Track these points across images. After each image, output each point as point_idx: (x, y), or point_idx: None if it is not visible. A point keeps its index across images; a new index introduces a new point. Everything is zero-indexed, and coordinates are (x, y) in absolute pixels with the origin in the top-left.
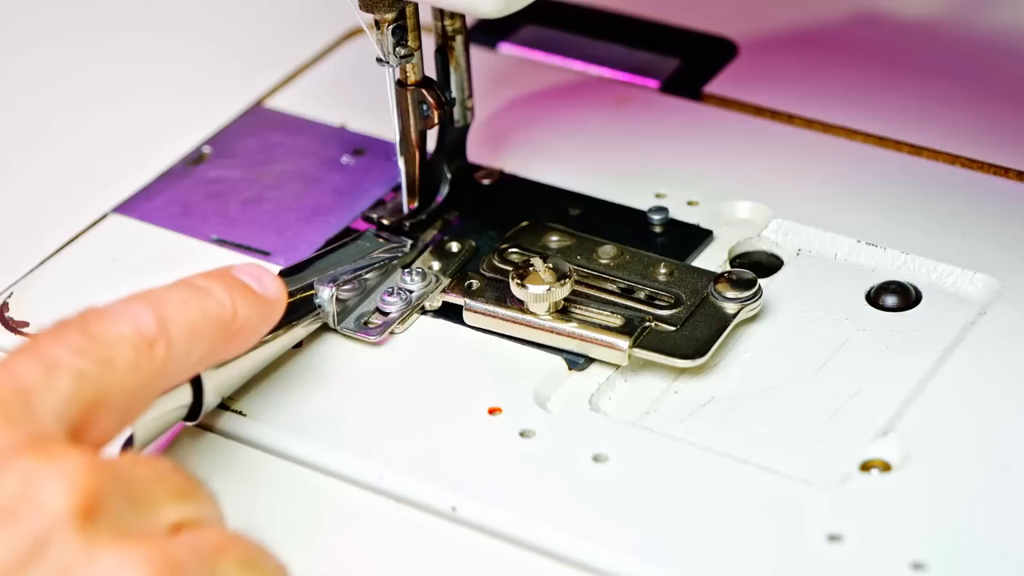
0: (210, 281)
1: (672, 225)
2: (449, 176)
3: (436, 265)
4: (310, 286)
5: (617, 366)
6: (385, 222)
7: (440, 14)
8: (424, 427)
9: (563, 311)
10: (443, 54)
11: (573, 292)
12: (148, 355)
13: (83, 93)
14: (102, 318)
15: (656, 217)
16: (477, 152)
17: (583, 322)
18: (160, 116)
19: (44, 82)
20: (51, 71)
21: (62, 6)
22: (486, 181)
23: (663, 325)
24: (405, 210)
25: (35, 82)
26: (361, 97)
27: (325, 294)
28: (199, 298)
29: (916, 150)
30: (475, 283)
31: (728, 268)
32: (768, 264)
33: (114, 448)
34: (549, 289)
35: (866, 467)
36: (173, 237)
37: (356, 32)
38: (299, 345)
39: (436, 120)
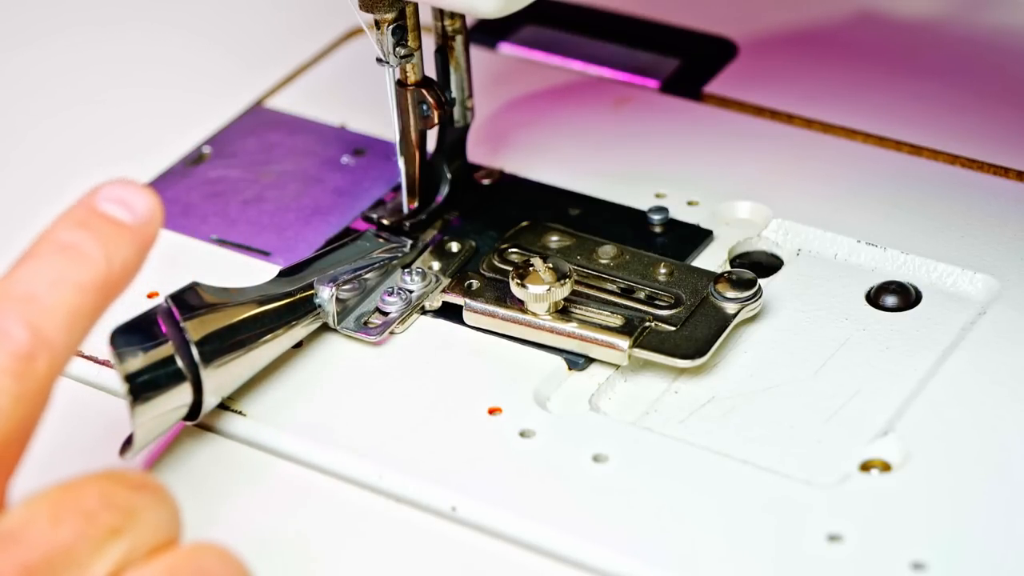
0: (76, 232)
1: (672, 225)
2: (449, 176)
3: (436, 265)
4: (310, 286)
5: (617, 366)
6: (385, 222)
7: (440, 14)
8: (424, 427)
9: (563, 311)
10: (443, 54)
11: (573, 292)
12: (30, 373)
13: (83, 92)
14: None
15: (656, 217)
16: (477, 152)
17: (583, 322)
18: (160, 116)
19: (43, 81)
20: (50, 70)
21: (61, 5)
22: (486, 181)
23: (663, 325)
24: (405, 210)
25: (34, 81)
26: (361, 97)
27: (325, 294)
28: (69, 268)
29: (916, 150)
30: (475, 283)
31: (728, 268)
32: (768, 264)
33: (113, 446)
34: (549, 289)
35: (866, 467)
36: (173, 237)
37: (356, 32)
38: (299, 345)
39: (436, 120)
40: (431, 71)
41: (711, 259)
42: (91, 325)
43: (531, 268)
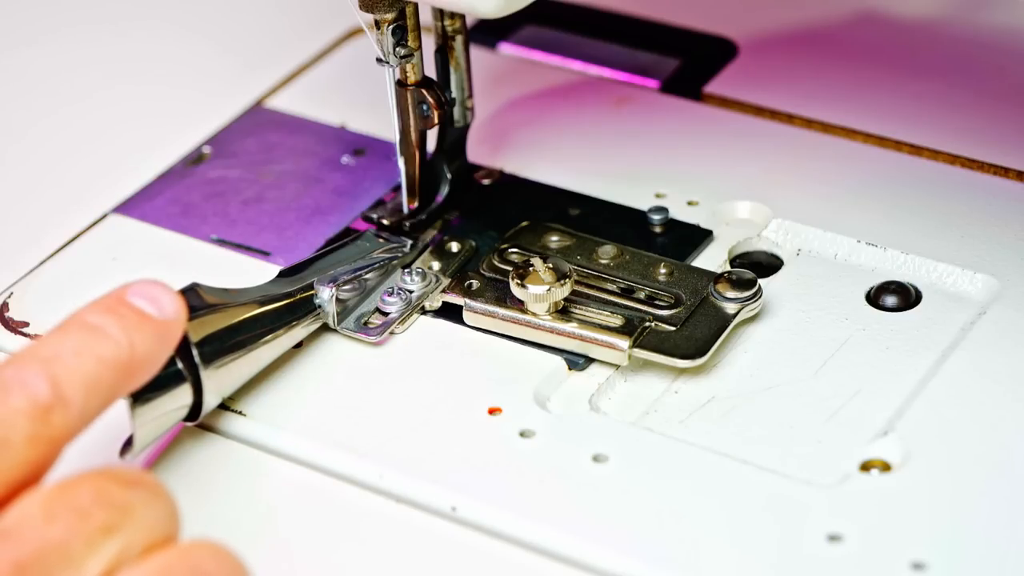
0: (103, 316)
1: (672, 225)
2: (449, 176)
3: (436, 265)
4: (310, 286)
5: (617, 366)
6: (385, 222)
7: (440, 14)
8: (424, 427)
9: (563, 311)
10: (443, 54)
11: (573, 292)
12: (45, 423)
13: (82, 91)
14: None
15: (656, 217)
16: (477, 152)
17: (583, 322)
18: (160, 116)
19: (43, 80)
20: (50, 69)
21: (61, 4)
22: (486, 181)
23: (663, 325)
24: (405, 210)
25: (33, 80)
26: (361, 97)
27: (325, 294)
28: (93, 343)
29: (916, 150)
30: (475, 283)
31: (728, 268)
32: (768, 264)
33: (113, 446)
34: (549, 289)
35: (866, 467)
36: (173, 237)
37: (356, 32)
38: (299, 345)
39: (436, 120)
40: (431, 71)
41: (711, 259)
42: (108, 402)
43: (531, 268)
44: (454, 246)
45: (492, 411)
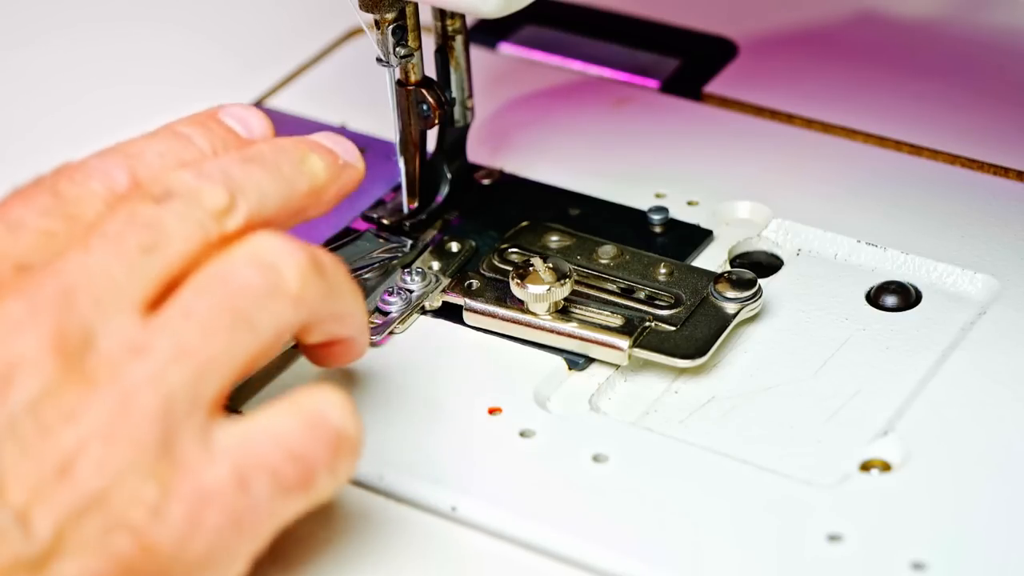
0: (192, 127)
1: (672, 225)
2: (449, 176)
3: (436, 265)
4: None
5: (617, 366)
6: (385, 222)
7: (440, 14)
8: (424, 427)
9: (563, 311)
10: (443, 54)
11: (573, 292)
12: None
13: (82, 92)
14: (73, 175)
15: (656, 217)
16: (477, 152)
17: (583, 322)
18: (160, 115)
19: (43, 79)
20: (50, 67)
21: (62, 3)
22: (486, 181)
23: (663, 325)
24: (405, 210)
25: (33, 79)
26: (361, 97)
27: None
28: (177, 147)
29: (916, 150)
30: (475, 283)
31: (728, 268)
32: (768, 264)
33: None
34: (549, 289)
35: (866, 467)
36: None
37: (356, 32)
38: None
39: (436, 120)
40: (431, 71)
41: (711, 259)
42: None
43: (531, 268)
44: (454, 246)
45: (492, 411)
